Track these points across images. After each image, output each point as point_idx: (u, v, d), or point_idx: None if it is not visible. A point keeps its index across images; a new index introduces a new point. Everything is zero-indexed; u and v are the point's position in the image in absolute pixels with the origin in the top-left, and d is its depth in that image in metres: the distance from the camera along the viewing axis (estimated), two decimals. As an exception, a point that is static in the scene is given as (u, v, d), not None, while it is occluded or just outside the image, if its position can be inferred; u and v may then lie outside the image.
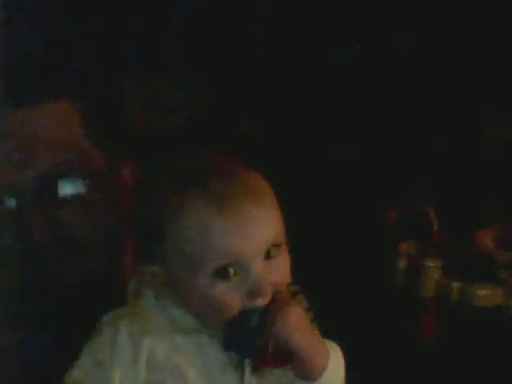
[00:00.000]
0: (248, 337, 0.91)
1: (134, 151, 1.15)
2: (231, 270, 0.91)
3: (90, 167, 1.07)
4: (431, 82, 2.08)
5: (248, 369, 0.95)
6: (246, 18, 2.07)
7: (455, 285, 1.99)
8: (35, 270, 1.04)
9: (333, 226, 2.08)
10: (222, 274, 0.91)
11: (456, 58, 2.06)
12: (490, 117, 2.08)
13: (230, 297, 0.91)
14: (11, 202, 1.03)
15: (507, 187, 1.99)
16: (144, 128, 1.79)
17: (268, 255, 0.93)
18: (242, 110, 2.11)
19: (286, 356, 0.93)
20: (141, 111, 1.90)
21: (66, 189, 1.04)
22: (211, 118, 2.10)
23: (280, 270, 0.95)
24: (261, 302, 0.91)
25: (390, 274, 2.06)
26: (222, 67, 2.09)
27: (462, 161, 2.09)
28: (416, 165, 2.10)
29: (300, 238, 2.07)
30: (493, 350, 1.91)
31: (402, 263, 2.07)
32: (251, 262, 0.91)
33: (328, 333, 1.09)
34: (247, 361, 0.94)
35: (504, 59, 2.02)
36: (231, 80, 2.08)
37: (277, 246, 0.94)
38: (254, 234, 0.91)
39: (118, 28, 1.93)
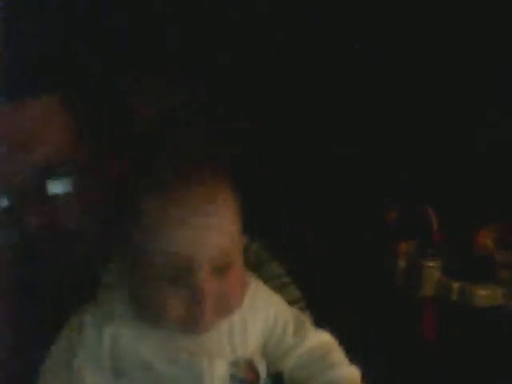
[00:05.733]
0: None
1: (120, 146, 1.16)
2: (174, 274, 0.92)
3: (76, 160, 1.08)
4: (431, 83, 2.09)
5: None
6: (246, 18, 2.07)
7: (455, 285, 1.99)
8: (29, 266, 1.05)
9: (333, 226, 2.08)
10: (165, 275, 0.92)
11: (457, 59, 2.06)
12: (490, 117, 2.08)
13: (171, 299, 0.92)
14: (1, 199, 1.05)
15: (507, 187, 1.99)
16: (144, 126, 1.79)
17: (217, 270, 0.94)
18: (242, 110, 2.11)
19: None
20: (141, 109, 1.90)
21: (55, 185, 1.06)
22: (211, 118, 2.10)
23: (228, 289, 0.95)
24: (199, 311, 0.92)
25: (390, 274, 2.07)
26: (222, 67, 2.09)
27: (462, 161, 2.10)
28: (416, 165, 2.10)
29: (300, 237, 2.08)
30: (493, 350, 1.91)
31: (402, 263, 2.07)
32: (192, 271, 0.92)
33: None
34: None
35: (504, 60, 2.02)
36: (231, 80, 2.09)
37: (225, 262, 0.95)
38: (194, 244, 0.92)
39: (116, 27, 1.94)
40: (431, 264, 2.02)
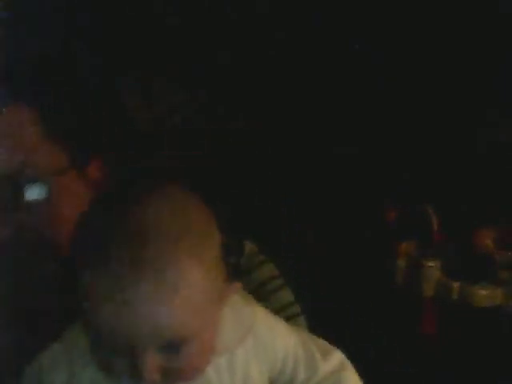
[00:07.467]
0: None
1: (106, 149, 1.15)
2: (116, 348, 0.85)
3: (49, 166, 1.07)
4: (431, 83, 2.09)
5: None
6: (246, 18, 2.07)
7: (455, 285, 1.99)
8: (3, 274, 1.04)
9: (333, 226, 2.08)
10: (108, 346, 0.86)
11: (457, 59, 2.07)
12: (490, 117, 2.08)
13: (117, 366, 0.86)
14: None
15: (507, 187, 1.99)
16: (144, 126, 1.80)
17: (167, 346, 0.85)
18: (242, 110, 2.11)
19: None
20: (141, 109, 1.90)
21: (30, 192, 1.05)
22: (211, 118, 2.10)
23: (181, 364, 0.86)
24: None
25: (390, 274, 2.07)
26: (222, 67, 2.09)
27: (462, 161, 2.10)
28: (416, 165, 2.10)
29: (301, 237, 2.08)
30: (493, 350, 1.91)
31: (402, 263, 2.07)
32: (131, 352, 0.84)
33: (327, 333, 1.09)
34: None
35: (504, 60, 2.03)
36: (231, 80, 2.09)
37: (179, 338, 0.85)
38: (131, 326, 0.82)
39: (116, 27, 1.94)
40: (431, 264, 2.03)
